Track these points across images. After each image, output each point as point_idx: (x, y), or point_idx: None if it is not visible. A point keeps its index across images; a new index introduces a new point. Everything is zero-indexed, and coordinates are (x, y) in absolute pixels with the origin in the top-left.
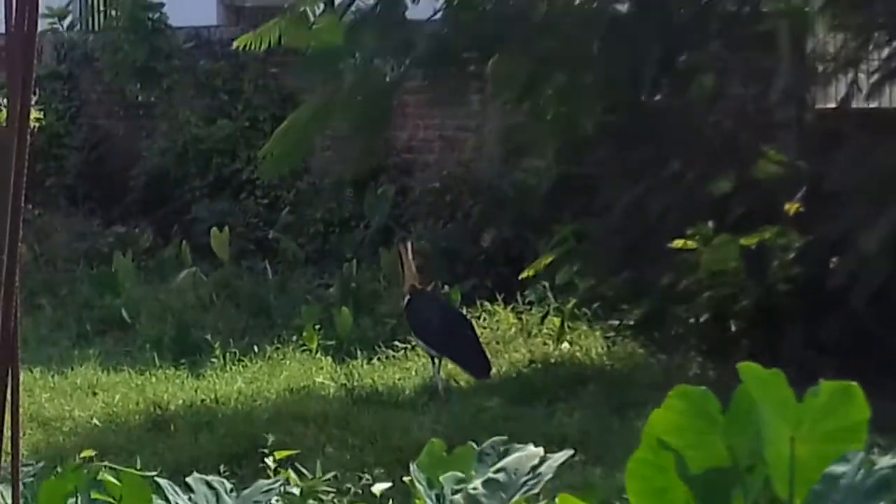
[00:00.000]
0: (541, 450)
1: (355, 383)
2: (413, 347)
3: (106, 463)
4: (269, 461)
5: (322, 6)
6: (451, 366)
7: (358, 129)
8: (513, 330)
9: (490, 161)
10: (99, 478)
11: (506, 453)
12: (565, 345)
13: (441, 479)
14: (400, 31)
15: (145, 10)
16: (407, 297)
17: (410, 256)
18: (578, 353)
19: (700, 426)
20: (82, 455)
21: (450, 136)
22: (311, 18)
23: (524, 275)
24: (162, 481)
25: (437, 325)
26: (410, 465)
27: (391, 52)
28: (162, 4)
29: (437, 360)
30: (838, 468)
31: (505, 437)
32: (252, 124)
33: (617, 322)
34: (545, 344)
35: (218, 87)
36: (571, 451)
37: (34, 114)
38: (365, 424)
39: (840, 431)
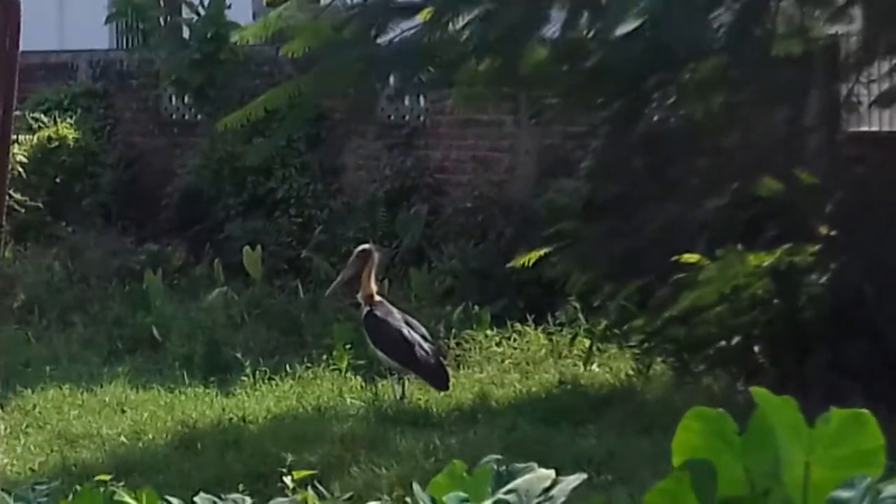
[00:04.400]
0: (552, 472)
1: (384, 403)
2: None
3: (122, 484)
4: (288, 480)
5: None
6: (478, 387)
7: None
8: (543, 351)
9: (523, 181)
10: (116, 498)
11: (524, 475)
12: (595, 366)
13: (444, 498)
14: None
15: (214, 38)
16: (366, 308)
17: (375, 265)
18: (608, 375)
19: (717, 447)
20: (98, 478)
21: (482, 157)
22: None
23: (516, 263)
24: (199, 499)
25: (399, 337)
26: (414, 486)
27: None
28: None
29: (397, 373)
30: (843, 493)
31: (528, 460)
32: (288, 143)
33: (646, 344)
34: (575, 365)
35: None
36: (584, 475)
37: (70, 132)
38: (391, 445)
39: (854, 457)
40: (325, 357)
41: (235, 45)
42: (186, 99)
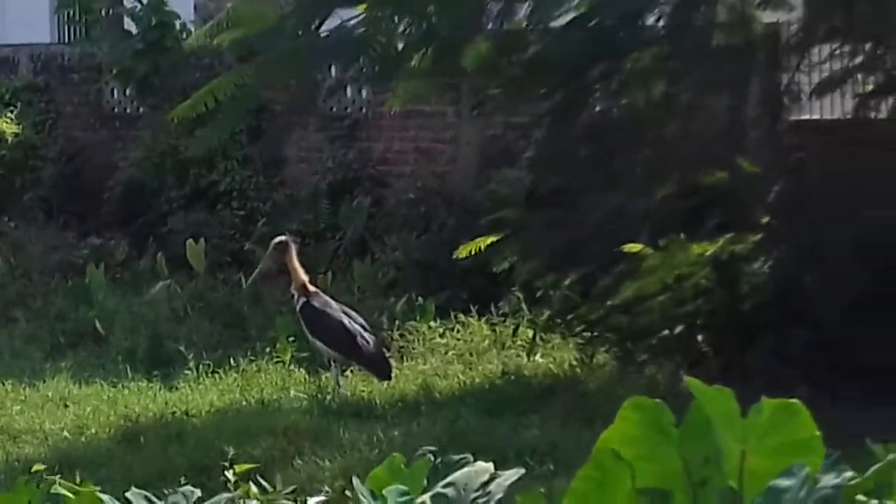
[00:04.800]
0: (490, 466)
1: (327, 396)
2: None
3: (58, 477)
4: (230, 474)
5: None
6: (422, 378)
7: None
8: (486, 342)
9: (465, 172)
10: (53, 491)
11: (461, 467)
12: (538, 357)
13: (384, 492)
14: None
15: (158, 25)
16: (302, 300)
17: (295, 256)
18: (551, 365)
19: (654, 438)
20: (33, 469)
21: (425, 148)
22: None
23: (460, 254)
24: (131, 494)
25: (340, 328)
26: (353, 480)
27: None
28: (177, 16)
29: (335, 363)
30: (783, 482)
31: (471, 451)
32: (230, 135)
33: (589, 334)
34: (518, 356)
35: None
36: (523, 470)
37: (11, 127)
38: (334, 437)
39: (788, 446)
40: (268, 350)
41: (179, 34)
42: (129, 92)
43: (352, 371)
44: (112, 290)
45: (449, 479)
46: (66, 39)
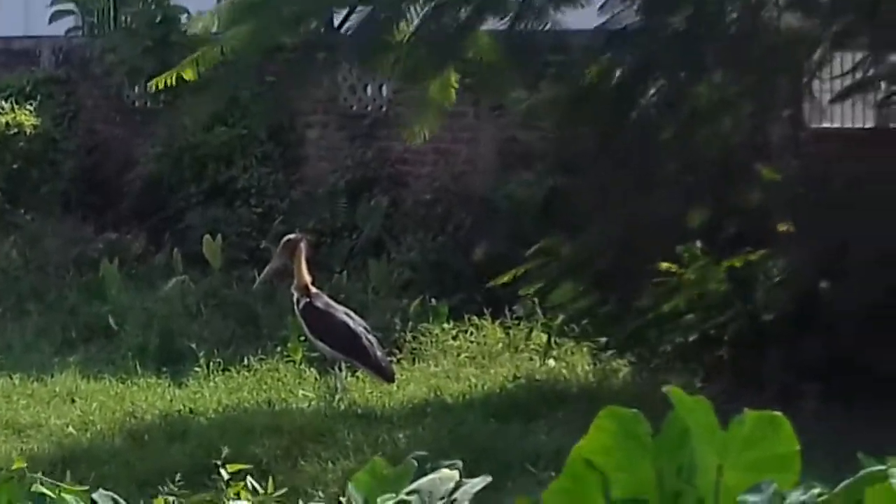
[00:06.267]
0: (456, 473)
1: (336, 396)
2: (399, 361)
3: (39, 475)
4: (224, 473)
5: None
6: (433, 381)
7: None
8: (500, 345)
9: (483, 173)
10: (33, 489)
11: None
12: (551, 361)
13: (379, 500)
14: None
15: (164, 21)
16: (305, 300)
17: (303, 255)
18: (564, 370)
19: (629, 448)
20: (14, 467)
21: (443, 149)
22: None
23: (497, 282)
24: (97, 495)
25: (344, 329)
26: (348, 484)
27: None
28: (184, 10)
29: (338, 364)
30: (750, 498)
31: (476, 456)
32: (248, 132)
33: (604, 339)
34: (531, 359)
35: None
36: (489, 478)
37: (30, 119)
38: (340, 438)
39: (767, 461)
40: (279, 349)
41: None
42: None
43: (349, 371)
44: (126, 285)
45: (413, 485)
46: (88, 33)
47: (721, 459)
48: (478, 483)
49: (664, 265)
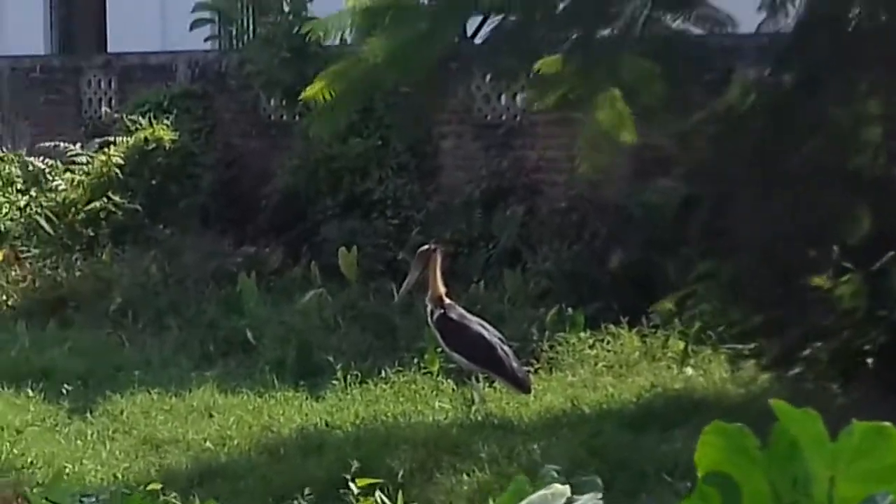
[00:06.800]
0: (567, 488)
1: (472, 408)
2: (536, 371)
3: (173, 495)
4: (353, 487)
5: None
6: (570, 391)
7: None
8: (636, 353)
9: (618, 181)
10: None
11: (590, 489)
12: (688, 369)
13: None
14: None
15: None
16: (439, 311)
17: (438, 266)
18: (701, 378)
19: (739, 462)
20: (149, 488)
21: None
22: None
23: (656, 308)
24: None
25: (481, 340)
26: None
27: None
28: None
29: (474, 375)
30: None
31: (611, 467)
32: (384, 143)
33: (742, 346)
34: (669, 368)
35: None
36: (600, 494)
37: (168, 133)
38: (475, 450)
39: (878, 471)
40: (417, 360)
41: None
42: (283, 100)
43: (487, 382)
44: (264, 299)
45: (524, 501)
46: (224, 47)
47: (832, 471)
48: (588, 500)
49: (818, 281)
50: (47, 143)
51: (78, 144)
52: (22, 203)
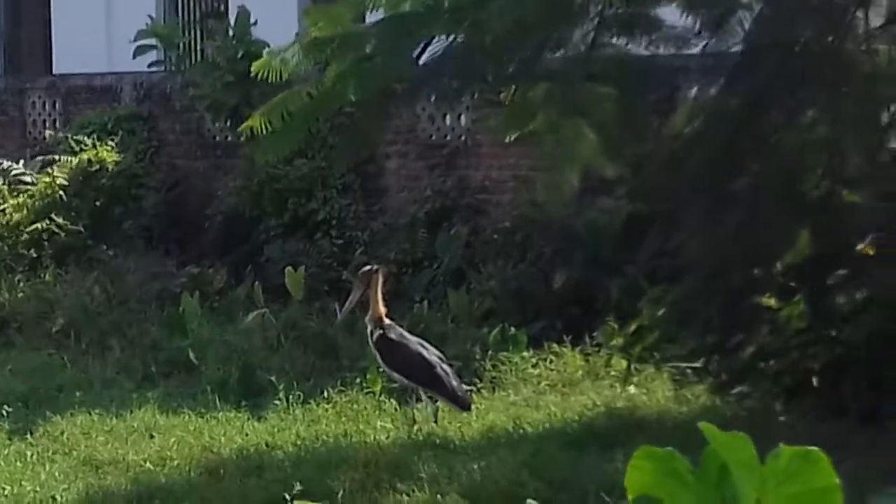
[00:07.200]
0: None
1: (414, 427)
2: (479, 390)
3: None
4: None
5: None
6: (512, 409)
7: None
8: (580, 372)
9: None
10: None
11: None
12: (632, 388)
13: None
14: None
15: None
16: (378, 331)
17: (379, 287)
18: (644, 397)
19: (670, 485)
20: None
21: (524, 176)
22: None
23: (611, 343)
24: None
25: (418, 359)
26: None
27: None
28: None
29: (418, 395)
30: None
31: (551, 485)
32: (328, 164)
33: (685, 365)
34: (612, 387)
35: None
36: None
37: (112, 155)
38: (416, 470)
39: (805, 495)
40: (359, 380)
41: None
42: (228, 121)
43: (429, 399)
44: (207, 319)
45: None
46: (168, 68)
47: (760, 493)
48: None
49: (765, 301)
50: None
51: (21, 162)
52: None
